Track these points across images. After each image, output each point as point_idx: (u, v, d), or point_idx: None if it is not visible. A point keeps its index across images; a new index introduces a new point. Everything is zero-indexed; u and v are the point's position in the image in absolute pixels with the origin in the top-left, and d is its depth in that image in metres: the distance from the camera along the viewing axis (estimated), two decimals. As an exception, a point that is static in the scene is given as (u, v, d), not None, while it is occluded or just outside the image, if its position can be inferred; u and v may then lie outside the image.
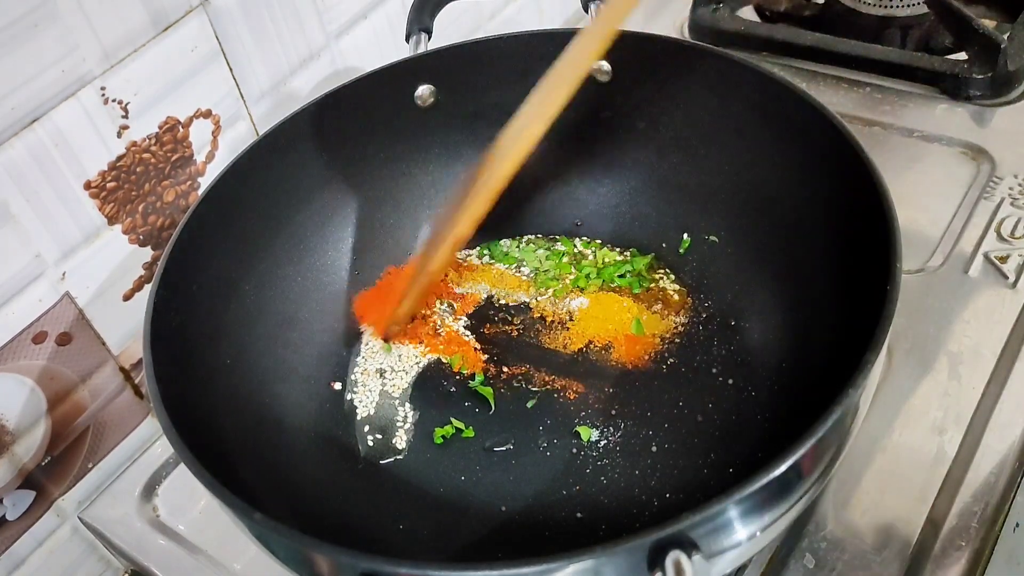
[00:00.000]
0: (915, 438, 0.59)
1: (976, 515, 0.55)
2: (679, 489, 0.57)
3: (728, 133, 0.67)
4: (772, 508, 0.43)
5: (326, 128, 0.67)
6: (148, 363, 0.50)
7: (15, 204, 0.57)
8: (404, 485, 0.59)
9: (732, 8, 0.94)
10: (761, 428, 0.58)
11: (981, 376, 0.62)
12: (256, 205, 0.64)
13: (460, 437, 0.62)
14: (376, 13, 0.78)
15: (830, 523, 0.56)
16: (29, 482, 0.63)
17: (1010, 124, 0.79)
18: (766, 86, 0.62)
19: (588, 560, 0.37)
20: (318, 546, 0.40)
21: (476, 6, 0.88)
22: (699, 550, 0.38)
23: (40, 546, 0.65)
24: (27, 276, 0.59)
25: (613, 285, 0.69)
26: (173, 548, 0.63)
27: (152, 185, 0.64)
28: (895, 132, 0.80)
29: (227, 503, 0.43)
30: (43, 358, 0.61)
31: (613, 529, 0.55)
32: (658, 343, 0.65)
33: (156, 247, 0.66)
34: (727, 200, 0.68)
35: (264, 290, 0.64)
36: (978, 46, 0.82)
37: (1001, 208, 0.72)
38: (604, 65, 0.69)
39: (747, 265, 0.66)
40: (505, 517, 0.57)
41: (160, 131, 0.64)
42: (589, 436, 0.60)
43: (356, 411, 0.64)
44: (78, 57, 0.57)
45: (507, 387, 0.64)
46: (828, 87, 0.85)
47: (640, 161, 0.72)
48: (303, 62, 0.73)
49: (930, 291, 0.67)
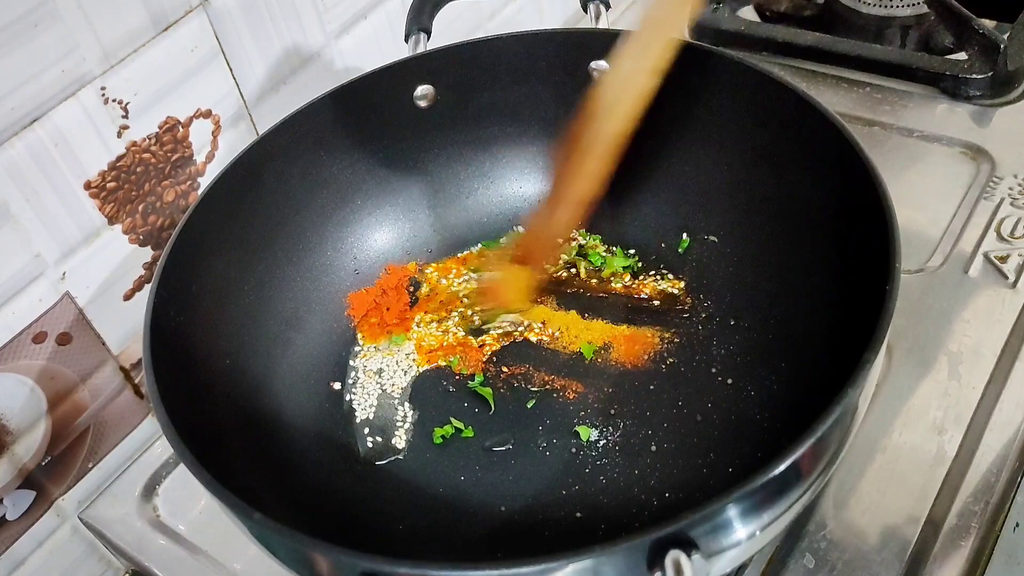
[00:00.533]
0: (915, 438, 0.59)
1: (976, 515, 0.55)
2: (678, 489, 0.57)
3: (728, 133, 0.67)
4: (772, 508, 0.43)
5: (326, 128, 0.67)
6: (148, 363, 0.50)
7: (15, 204, 0.57)
8: (403, 485, 0.59)
9: (732, 8, 0.94)
10: (760, 428, 0.58)
11: (981, 376, 0.62)
12: (256, 205, 0.64)
13: (460, 437, 0.62)
14: (376, 13, 0.78)
15: (830, 523, 0.56)
16: (29, 482, 0.63)
17: (1010, 124, 0.79)
18: (766, 86, 0.62)
19: (587, 559, 0.37)
20: (318, 546, 0.40)
21: (476, 6, 0.88)
22: (698, 549, 0.38)
23: (40, 546, 0.65)
24: (27, 276, 0.59)
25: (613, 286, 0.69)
26: (173, 548, 0.63)
27: (152, 185, 0.64)
28: (895, 132, 0.80)
29: (227, 503, 0.43)
30: (43, 358, 0.61)
31: (612, 529, 0.55)
32: (657, 343, 0.65)
33: (156, 247, 0.66)
34: (727, 200, 0.68)
35: (264, 290, 0.64)
36: (978, 46, 0.82)
37: (1001, 208, 0.72)
38: (604, 65, 0.68)
39: (747, 265, 0.66)
40: (505, 517, 0.57)
41: (160, 131, 0.64)
42: (588, 436, 0.60)
43: (355, 411, 0.64)
44: (78, 57, 0.57)
45: (507, 387, 0.64)
46: (828, 87, 0.85)
47: (639, 161, 0.71)
48: (303, 62, 0.73)
49: (930, 291, 0.67)
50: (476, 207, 0.75)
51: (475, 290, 0.70)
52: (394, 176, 0.72)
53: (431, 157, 0.73)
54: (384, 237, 0.72)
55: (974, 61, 0.82)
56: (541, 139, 0.74)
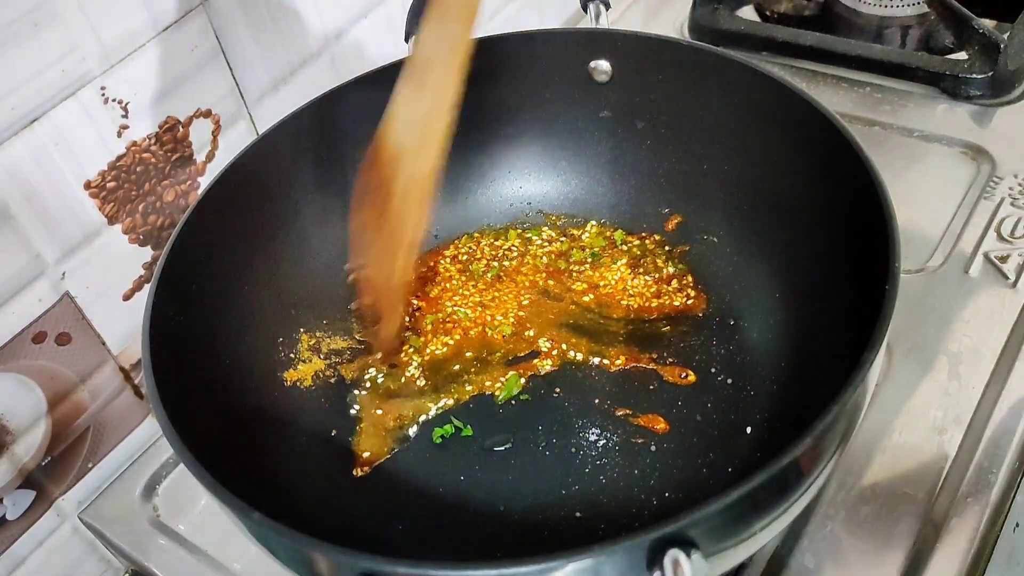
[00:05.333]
0: (915, 438, 0.59)
1: (976, 515, 0.55)
2: (678, 488, 0.57)
3: (728, 133, 0.67)
4: (771, 507, 0.43)
5: (326, 128, 0.67)
6: (147, 363, 0.50)
7: (15, 204, 0.57)
8: (403, 485, 0.59)
9: (732, 8, 0.94)
10: (760, 427, 0.58)
11: (981, 376, 0.62)
12: (256, 205, 0.64)
13: (459, 436, 0.62)
14: (376, 13, 0.78)
15: (830, 523, 0.56)
16: (29, 482, 0.63)
17: (1010, 124, 0.79)
18: (766, 86, 0.62)
19: (587, 559, 0.37)
20: (318, 546, 0.40)
21: (476, 6, 0.88)
22: (698, 549, 0.38)
23: (40, 546, 0.65)
24: (27, 276, 0.59)
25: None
26: (173, 548, 0.63)
27: (152, 185, 0.64)
28: (895, 132, 0.80)
29: (227, 503, 0.43)
30: (43, 358, 0.61)
31: (612, 528, 0.55)
32: (657, 343, 0.65)
33: (156, 247, 0.66)
34: (727, 200, 0.68)
35: (264, 290, 0.64)
36: (978, 46, 0.82)
37: (1001, 208, 0.72)
38: (604, 65, 0.69)
39: (747, 265, 0.66)
40: (504, 516, 0.57)
41: (160, 131, 0.64)
42: (588, 436, 0.60)
43: (355, 411, 0.64)
44: (78, 57, 0.57)
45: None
46: (828, 87, 0.85)
47: (639, 161, 0.72)
48: (303, 62, 0.73)
49: (930, 291, 0.67)
50: (476, 207, 0.75)
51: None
52: (394, 176, 0.72)
53: (431, 157, 0.73)
54: (384, 237, 0.72)
55: (974, 61, 0.82)
56: (541, 139, 0.74)
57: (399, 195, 0.57)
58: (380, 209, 0.59)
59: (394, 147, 0.56)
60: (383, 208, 0.58)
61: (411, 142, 0.56)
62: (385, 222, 0.59)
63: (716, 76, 0.65)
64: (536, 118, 0.73)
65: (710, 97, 0.66)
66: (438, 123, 0.56)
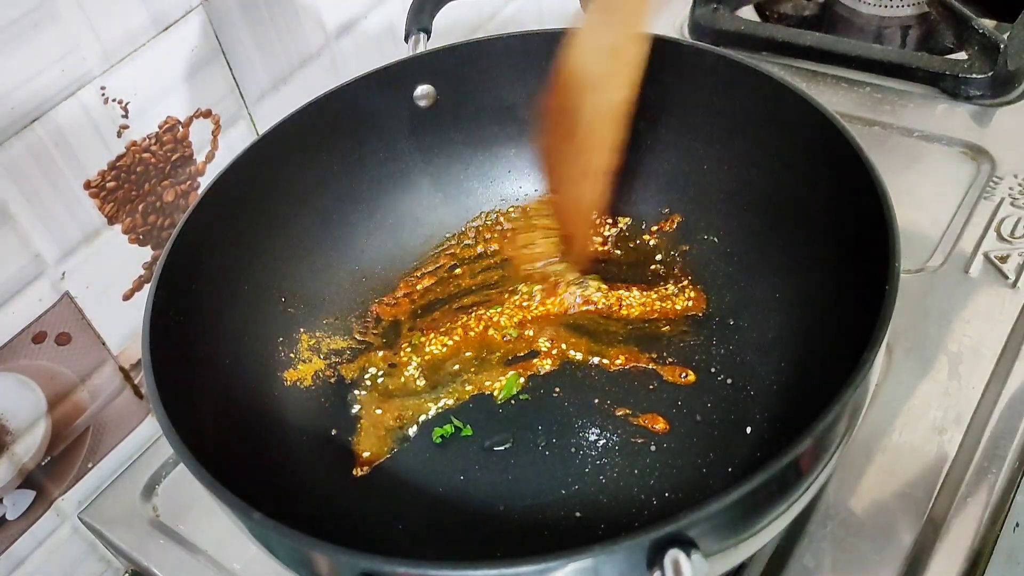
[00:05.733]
0: (915, 438, 0.59)
1: (976, 515, 0.55)
2: (678, 488, 0.57)
3: (728, 133, 0.67)
4: (771, 507, 0.43)
5: (326, 128, 0.67)
6: (147, 363, 0.50)
7: (15, 204, 0.57)
8: (403, 484, 0.59)
9: (732, 8, 0.94)
10: (760, 427, 0.58)
11: (981, 376, 0.62)
12: (256, 205, 0.64)
13: (459, 436, 0.62)
14: (376, 13, 0.78)
15: (830, 523, 0.56)
16: (29, 482, 0.63)
17: (1010, 124, 0.79)
18: (766, 86, 0.62)
19: (587, 559, 0.37)
20: (317, 546, 0.40)
21: (476, 6, 0.88)
22: (698, 549, 0.38)
23: (40, 546, 0.65)
24: (27, 276, 0.59)
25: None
26: (173, 548, 0.63)
27: (152, 185, 0.64)
28: (895, 132, 0.80)
29: (227, 503, 0.43)
30: (43, 358, 0.61)
31: (612, 528, 0.55)
32: (657, 343, 0.65)
33: (156, 247, 0.66)
34: (727, 200, 0.68)
35: (264, 290, 0.64)
36: (978, 46, 0.82)
37: (1001, 208, 0.72)
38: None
39: (747, 265, 0.66)
40: (504, 516, 0.57)
41: (160, 131, 0.64)
42: (588, 435, 0.60)
43: (355, 410, 0.64)
44: (78, 57, 0.57)
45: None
46: (828, 87, 0.85)
47: (639, 161, 0.72)
48: (303, 62, 0.73)
49: (930, 291, 0.67)
50: (476, 207, 0.75)
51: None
52: (394, 176, 0.72)
53: (431, 157, 0.73)
54: (384, 237, 0.72)
55: (974, 61, 0.82)
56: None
57: (587, 124, 0.55)
58: (567, 135, 0.56)
59: (581, 76, 0.54)
60: (570, 134, 0.56)
61: (599, 71, 0.53)
62: (573, 148, 0.56)
63: (716, 76, 0.65)
64: (536, 118, 0.72)
65: (710, 97, 0.66)
66: (628, 52, 0.53)
